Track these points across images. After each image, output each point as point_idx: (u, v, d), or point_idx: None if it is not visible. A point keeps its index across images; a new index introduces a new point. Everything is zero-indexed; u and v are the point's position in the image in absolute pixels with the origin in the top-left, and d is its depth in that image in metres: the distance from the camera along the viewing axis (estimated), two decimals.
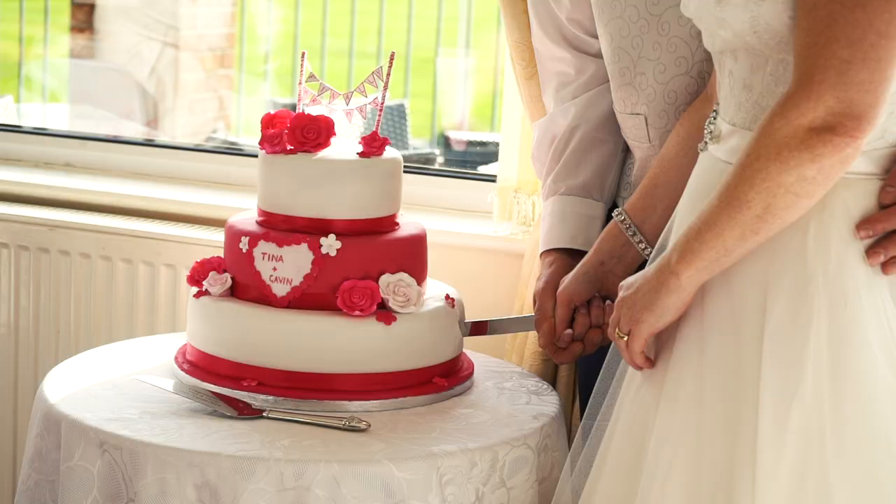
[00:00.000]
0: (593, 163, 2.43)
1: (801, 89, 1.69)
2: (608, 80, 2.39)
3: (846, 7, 1.67)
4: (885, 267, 1.78)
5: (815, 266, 1.77)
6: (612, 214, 2.27)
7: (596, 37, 2.39)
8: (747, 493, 1.75)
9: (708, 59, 2.20)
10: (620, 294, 1.92)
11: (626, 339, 1.90)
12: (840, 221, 1.78)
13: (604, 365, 2.08)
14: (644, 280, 1.88)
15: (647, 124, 2.32)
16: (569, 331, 2.28)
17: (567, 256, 2.37)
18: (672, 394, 1.87)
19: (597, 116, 2.44)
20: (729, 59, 1.87)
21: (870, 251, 1.78)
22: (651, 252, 2.11)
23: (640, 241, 2.23)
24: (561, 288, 2.27)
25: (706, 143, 1.94)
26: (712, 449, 1.80)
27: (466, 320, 2.37)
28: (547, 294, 2.30)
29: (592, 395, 2.09)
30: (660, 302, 1.85)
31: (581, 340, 2.27)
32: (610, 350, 2.07)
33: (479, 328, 2.38)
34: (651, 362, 1.90)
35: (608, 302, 2.24)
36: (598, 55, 2.41)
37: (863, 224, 1.78)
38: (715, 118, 1.93)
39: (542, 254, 2.42)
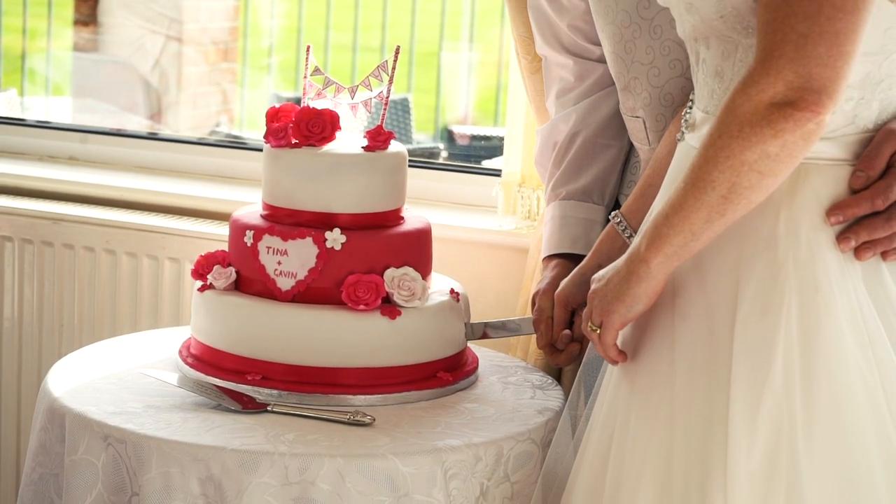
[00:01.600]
0: (594, 167, 2.43)
1: (761, 65, 1.68)
2: (610, 85, 2.40)
3: None
4: (857, 252, 1.77)
5: (785, 253, 1.76)
6: (609, 217, 2.27)
7: (597, 43, 2.39)
8: (719, 480, 1.75)
9: None
10: (592, 286, 1.90)
11: (598, 331, 1.89)
12: (810, 208, 1.77)
13: (583, 361, 2.08)
14: (615, 271, 1.86)
15: (645, 127, 2.32)
16: (567, 331, 2.28)
17: (569, 262, 2.37)
18: (645, 384, 1.86)
19: (598, 121, 2.44)
20: (701, 46, 1.87)
21: (840, 237, 1.77)
22: None
23: None
24: (558, 289, 2.27)
25: (683, 132, 1.93)
26: (685, 437, 1.79)
27: (472, 321, 2.36)
28: (546, 295, 2.30)
29: (574, 386, 2.10)
30: (630, 291, 1.83)
31: (580, 342, 2.27)
32: (588, 345, 2.07)
33: (484, 333, 2.37)
34: (625, 355, 1.89)
35: None
36: (601, 60, 2.41)
37: (833, 210, 1.77)
38: (691, 107, 1.93)
39: (544, 259, 2.42)
